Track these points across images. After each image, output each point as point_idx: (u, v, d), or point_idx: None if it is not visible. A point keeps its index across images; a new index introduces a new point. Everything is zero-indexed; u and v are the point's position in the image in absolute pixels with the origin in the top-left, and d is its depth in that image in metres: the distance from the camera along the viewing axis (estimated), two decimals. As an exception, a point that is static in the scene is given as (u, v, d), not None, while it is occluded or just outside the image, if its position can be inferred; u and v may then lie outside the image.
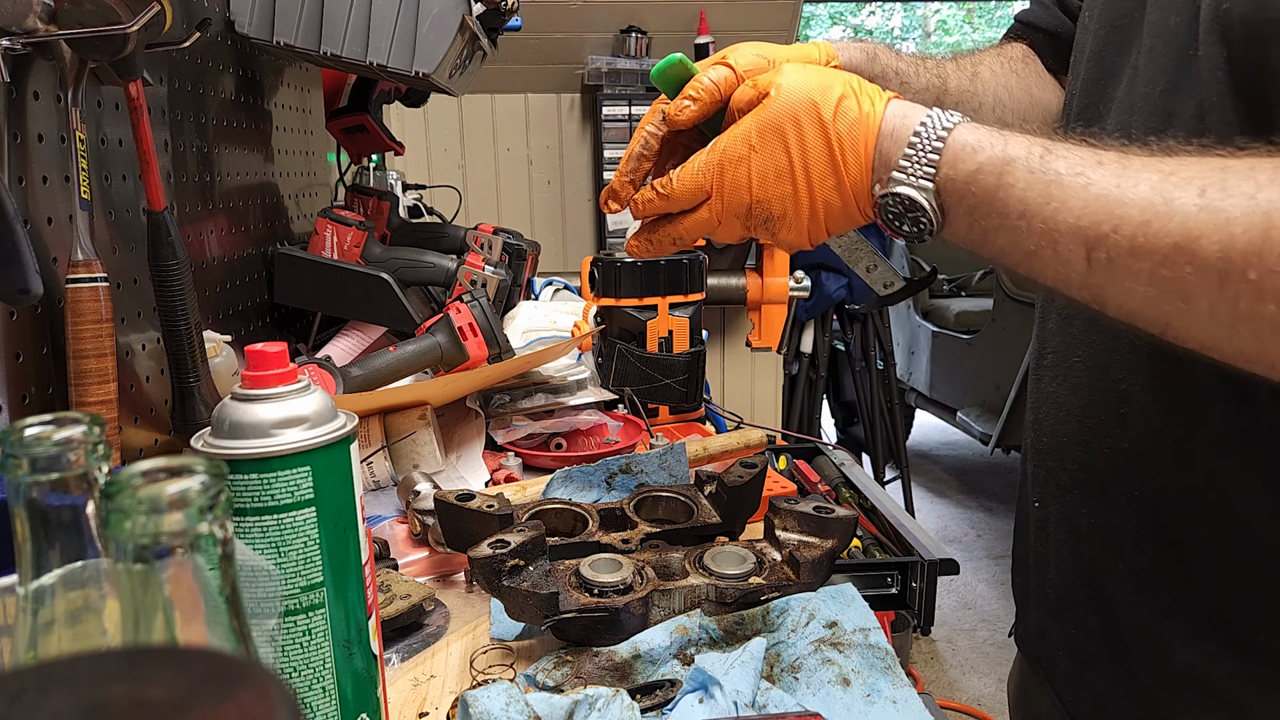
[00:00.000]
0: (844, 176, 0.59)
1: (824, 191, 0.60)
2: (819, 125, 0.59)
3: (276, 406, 0.50)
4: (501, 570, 0.70)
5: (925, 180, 0.56)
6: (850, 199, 0.60)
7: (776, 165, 0.60)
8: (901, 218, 0.58)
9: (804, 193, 0.60)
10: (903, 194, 0.57)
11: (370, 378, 1.11)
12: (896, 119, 0.58)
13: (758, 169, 0.61)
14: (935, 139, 0.56)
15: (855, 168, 0.59)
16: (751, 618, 0.71)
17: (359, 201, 1.62)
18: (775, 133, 0.60)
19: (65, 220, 0.80)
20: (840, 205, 0.60)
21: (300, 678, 0.52)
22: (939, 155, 0.56)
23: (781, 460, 1.24)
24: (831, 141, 0.59)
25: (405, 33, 1.11)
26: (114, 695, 0.23)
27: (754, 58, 0.67)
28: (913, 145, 0.57)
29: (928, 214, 0.56)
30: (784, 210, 0.61)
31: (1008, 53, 0.88)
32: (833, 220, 0.61)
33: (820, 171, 0.60)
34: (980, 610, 3.14)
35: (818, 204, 0.60)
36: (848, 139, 0.59)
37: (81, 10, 0.73)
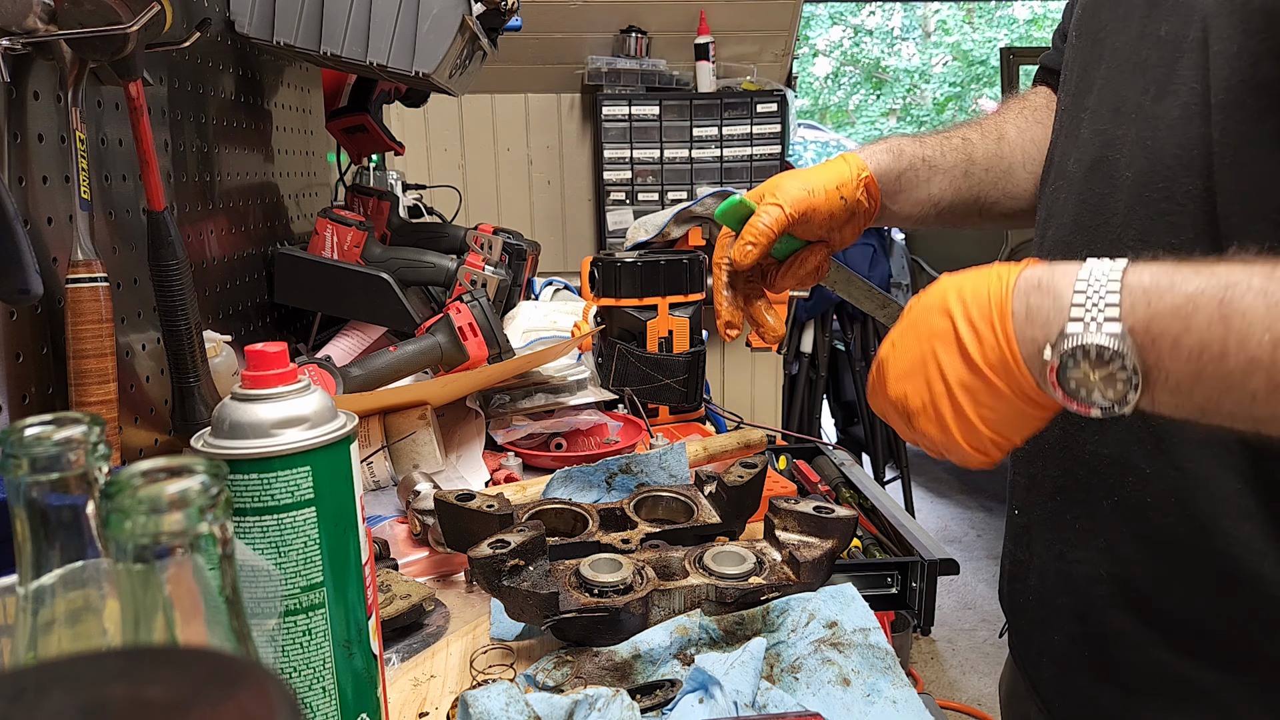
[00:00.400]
0: (965, 346, 0.54)
1: (954, 370, 0.55)
2: (943, 309, 0.56)
3: (276, 406, 0.50)
4: (501, 570, 0.70)
5: (1111, 322, 0.48)
6: (985, 370, 0.53)
7: (910, 358, 0.58)
8: (1089, 383, 0.49)
9: (937, 382, 0.56)
10: (1089, 345, 0.48)
11: (370, 378, 1.11)
12: (1036, 273, 0.53)
13: (895, 365, 0.59)
14: (1107, 278, 0.50)
15: (986, 329, 0.53)
16: (751, 618, 0.71)
17: (359, 201, 1.62)
18: (907, 338, 0.59)
19: (65, 220, 0.80)
20: (979, 382, 0.54)
21: (300, 678, 0.52)
22: (1118, 292, 0.49)
23: (781, 460, 1.24)
24: (954, 314, 0.55)
25: (405, 33, 1.11)
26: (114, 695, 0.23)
27: (798, 194, 0.73)
28: (1081, 290, 0.50)
29: (1126, 363, 0.48)
30: (922, 404, 0.57)
31: (1031, 102, 0.88)
32: (982, 410, 0.54)
33: (949, 353, 0.55)
34: (980, 610, 3.14)
35: (952, 386, 0.55)
36: (972, 305, 0.54)
37: (81, 10, 0.73)
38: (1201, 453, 0.59)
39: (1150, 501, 0.62)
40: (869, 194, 0.77)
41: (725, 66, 2.96)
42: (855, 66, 11.44)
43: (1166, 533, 0.62)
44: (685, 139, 2.92)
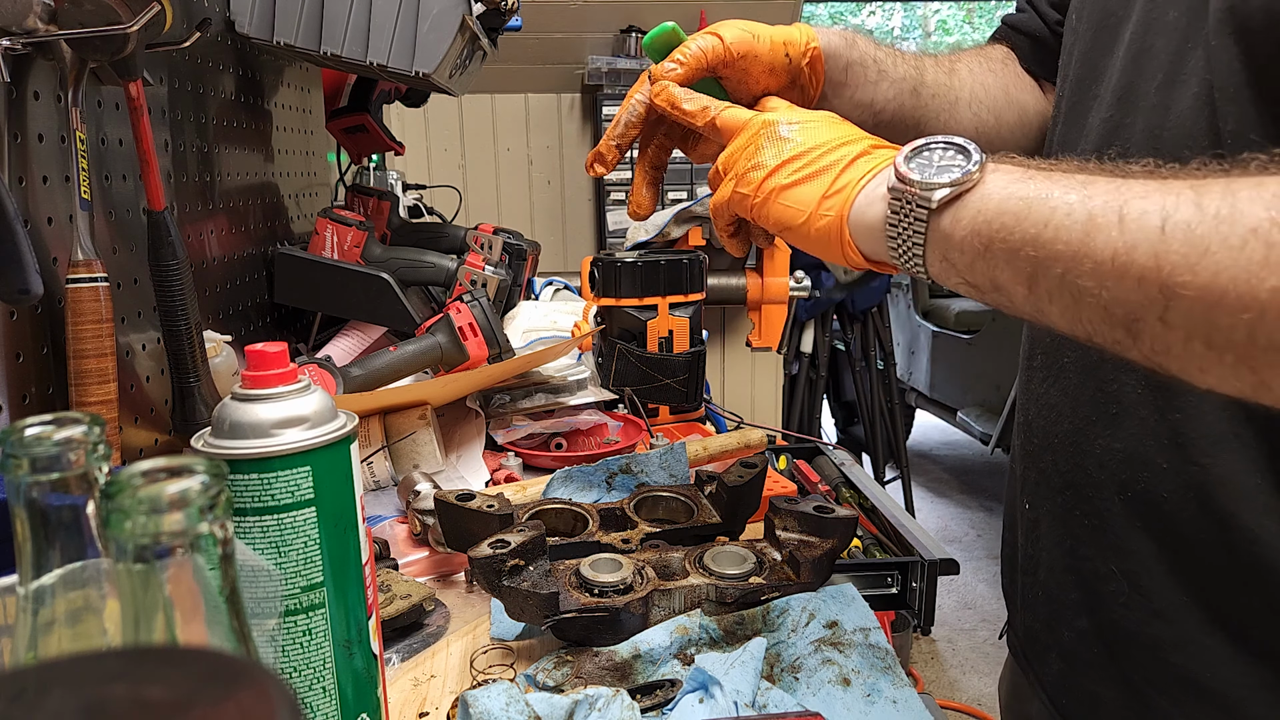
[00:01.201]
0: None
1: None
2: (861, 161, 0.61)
3: (276, 406, 0.50)
4: (501, 570, 0.70)
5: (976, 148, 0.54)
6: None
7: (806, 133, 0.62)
8: (927, 165, 0.54)
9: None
10: (943, 142, 0.55)
11: (370, 378, 1.11)
12: None
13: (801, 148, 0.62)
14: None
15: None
16: (751, 618, 0.71)
17: (359, 201, 1.62)
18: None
19: (65, 220, 0.80)
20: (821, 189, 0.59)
21: (300, 678, 0.52)
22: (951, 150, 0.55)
23: (781, 460, 1.24)
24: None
25: (405, 33, 1.11)
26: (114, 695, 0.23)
27: (740, 32, 0.70)
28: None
29: (971, 157, 0.53)
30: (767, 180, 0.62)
31: (989, 53, 0.88)
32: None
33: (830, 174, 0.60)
34: (980, 610, 3.14)
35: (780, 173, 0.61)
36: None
37: (81, 10, 0.73)
38: (1221, 448, 0.59)
39: (1166, 497, 0.62)
40: (813, 70, 0.75)
41: (725, 66, 2.96)
42: (855, 66, 11.42)
43: (1182, 529, 0.61)
44: (685, 139, 2.91)
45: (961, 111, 0.84)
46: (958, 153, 0.54)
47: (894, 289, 4.18)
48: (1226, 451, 0.59)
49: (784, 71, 0.73)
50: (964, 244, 0.53)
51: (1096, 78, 0.68)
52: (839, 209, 0.59)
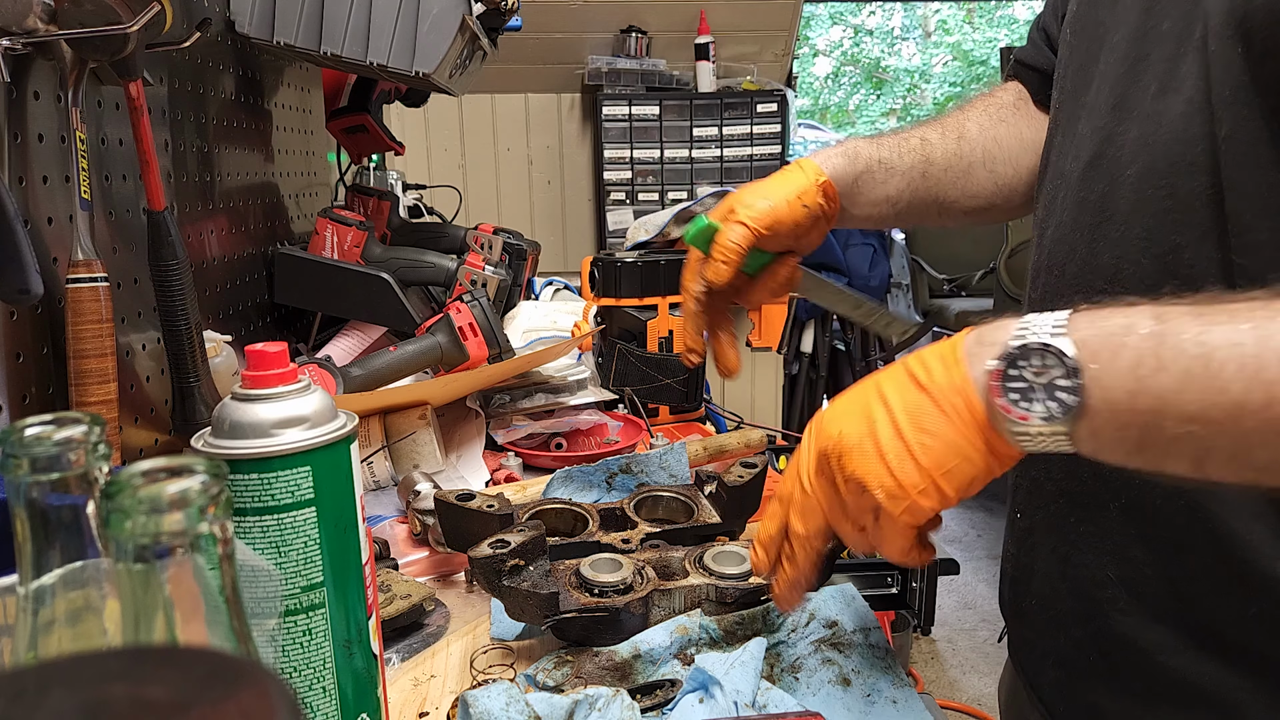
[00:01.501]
0: (915, 374, 0.53)
1: (899, 396, 0.54)
2: (894, 367, 0.56)
3: (277, 406, 0.50)
4: (501, 570, 0.70)
5: (1057, 333, 0.49)
6: (933, 390, 0.52)
7: (853, 401, 0.56)
8: (1031, 390, 0.49)
9: (880, 412, 0.54)
10: (1031, 344, 0.49)
11: (370, 378, 1.11)
12: (986, 325, 0.53)
13: (834, 411, 0.57)
14: (1055, 314, 0.50)
15: (936, 362, 0.53)
16: (752, 618, 0.71)
17: (359, 201, 1.62)
18: (851, 392, 0.58)
19: (65, 220, 0.80)
20: (926, 402, 0.53)
21: (300, 678, 0.52)
22: (1065, 319, 0.49)
23: (782, 460, 1.24)
24: (906, 361, 0.55)
25: (405, 33, 1.11)
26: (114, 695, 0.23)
27: (762, 205, 0.75)
28: (1028, 321, 0.50)
29: (1068, 365, 0.48)
30: (859, 439, 0.54)
31: (998, 99, 0.88)
32: (925, 436, 0.53)
33: (899, 385, 0.54)
34: (980, 610, 3.14)
35: (895, 411, 0.53)
36: (925, 353, 0.54)
37: (82, 10, 0.73)
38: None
39: (1159, 504, 0.62)
40: (827, 198, 0.78)
41: (725, 66, 2.96)
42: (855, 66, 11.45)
43: (1176, 535, 0.61)
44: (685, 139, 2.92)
45: (977, 174, 0.84)
46: (1042, 362, 0.49)
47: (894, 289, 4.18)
48: None
49: (806, 224, 0.77)
50: (1113, 443, 0.50)
51: (1087, 86, 0.69)
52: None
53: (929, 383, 0.53)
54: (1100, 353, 0.48)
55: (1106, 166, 0.64)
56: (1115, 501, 0.65)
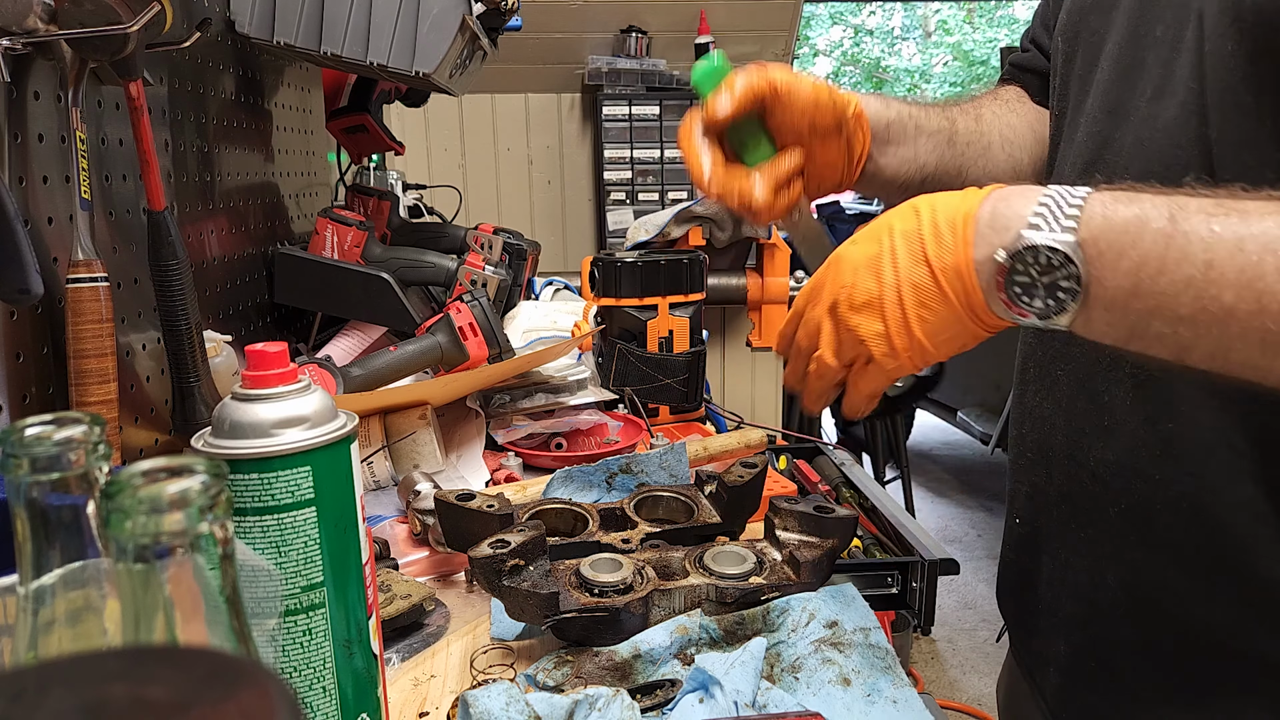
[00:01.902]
0: (925, 246, 0.55)
1: (908, 269, 0.55)
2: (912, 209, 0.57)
3: (277, 406, 0.50)
4: (502, 570, 0.70)
5: (1066, 231, 0.50)
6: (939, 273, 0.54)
7: (868, 254, 0.58)
8: (1033, 286, 0.51)
9: (889, 275, 0.56)
10: (1040, 245, 0.50)
11: (370, 378, 1.11)
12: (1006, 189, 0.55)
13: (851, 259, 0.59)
14: (1071, 196, 0.51)
15: (948, 232, 0.54)
16: (752, 618, 0.71)
17: (359, 201, 1.62)
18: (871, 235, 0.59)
19: (65, 220, 0.80)
20: (930, 284, 0.55)
21: (300, 677, 0.52)
22: (1079, 207, 0.50)
23: (782, 460, 1.24)
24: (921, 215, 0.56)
25: (405, 33, 1.11)
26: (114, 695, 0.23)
27: (786, 72, 0.70)
28: (1044, 203, 0.51)
29: (1072, 271, 0.49)
30: (868, 298, 0.57)
31: (1003, 95, 0.89)
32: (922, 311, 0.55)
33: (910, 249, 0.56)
34: (980, 610, 3.14)
35: (903, 282, 0.56)
36: (941, 211, 0.55)
37: (82, 10, 0.73)
38: (1213, 457, 0.59)
39: (1161, 508, 0.62)
40: (860, 125, 0.75)
41: (725, 66, 2.95)
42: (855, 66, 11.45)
43: (1178, 539, 0.61)
44: (685, 139, 2.91)
45: (996, 154, 0.84)
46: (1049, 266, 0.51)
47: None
48: (1218, 461, 0.59)
49: (829, 112, 0.71)
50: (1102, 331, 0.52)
51: (1085, 94, 0.69)
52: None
53: (936, 258, 0.54)
54: (1106, 253, 0.49)
55: (1103, 171, 0.64)
56: (1115, 506, 0.65)
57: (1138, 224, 0.49)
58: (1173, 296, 0.48)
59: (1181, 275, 0.47)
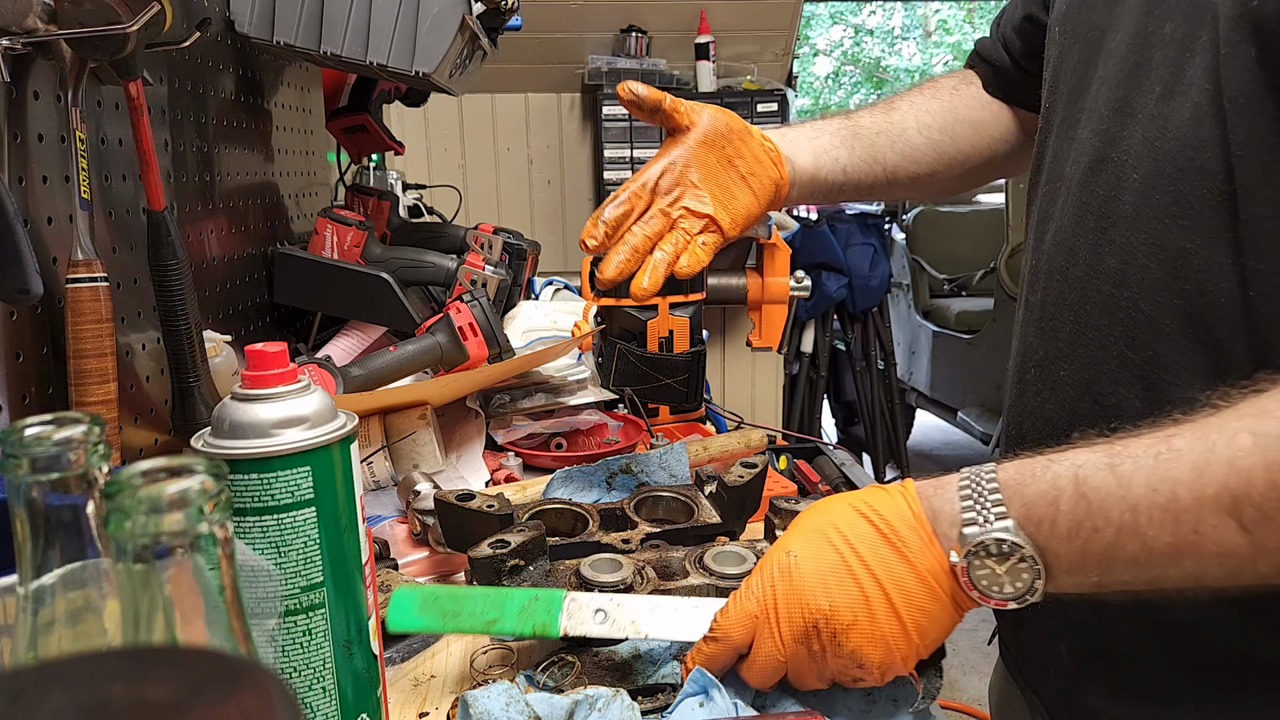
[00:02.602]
0: (902, 549, 0.55)
1: (890, 570, 0.55)
2: (856, 514, 0.57)
3: (276, 406, 0.50)
4: (502, 570, 0.70)
5: (1000, 518, 0.52)
6: (928, 577, 0.54)
7: (829, 563, 0.56)
8: (997, 578, 0.53)
9: (871, 585, 0.55)
10: (988, 540, 0.52)
11: (370, 378, 1.11)
12: (925, 483, 0.56)
13: (810, 572, 0.56)
14: (985, 477, 0.54)
15: (911, 535, 0.55)
16: (752, 618, 0.70)
17: (359, 201, 1.62)
18: (815, 542, 0.57)
19: (65, 220, 0.80)
20: (919, 585, 0.55)
21: (300, 678, 0.52)
22: (998, 490, 0.53)
23: (782, 460, 1.24)
24: (872, 519, 0.56)
25: (405, 32, 1.11)
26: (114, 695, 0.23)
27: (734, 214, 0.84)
28: (966, 493, 0.54)
29: (1025, 551, 0.52)
30: (854, 616, 0.55)
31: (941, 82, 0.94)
32: (917, 615, 0.55)
33: (879, 555, 0.55)
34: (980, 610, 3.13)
35: (889, 589, 0.55)
36: (887, 512, 0.56)
37: (81, 10, 0.73)
38: None
39: None
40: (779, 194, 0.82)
41: (725, 66, 2.96)
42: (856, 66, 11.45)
43: None
44: (685, 139, 2.91)
45: (912, 137, 0.88)
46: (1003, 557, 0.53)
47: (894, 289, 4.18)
48: None
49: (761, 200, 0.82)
50: (1075, 589, 0.54)
51: (1085, 90, 0.68)
52: None
53: (914, 557, 0.55)
54: (1042, 522, 0.52)
55: (1110, 170, 0.64)
56: None
57: (1052, 492, 0.52)
58: (1118, 546, 0.50)
59: (1114, 528, 0.50)
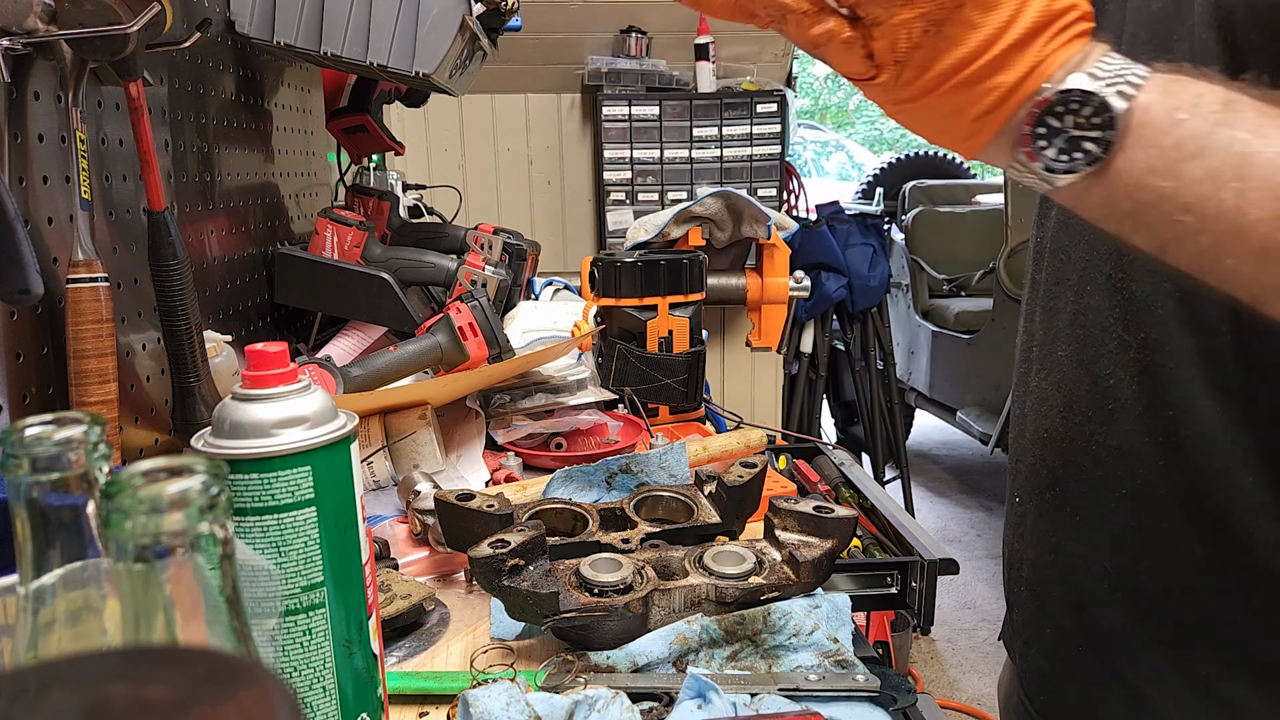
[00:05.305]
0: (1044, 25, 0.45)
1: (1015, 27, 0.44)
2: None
3: (277, 406, 0.50)
4: (501, 570, 0.70)
5: (1122, 95, 0.45)
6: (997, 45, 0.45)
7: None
8: (1059, 133, 0.45)
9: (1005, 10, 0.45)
10: (1095, 93, 0.45)
11: (370, 378, 1.11)
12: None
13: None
14: (1136, 63, 0.46)
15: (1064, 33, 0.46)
16: (752, 618, 0.70)
17: (359, 201, 1.62)
18: None
19: (66, 220, 0.80)
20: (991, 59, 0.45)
21: (300, 677, 0.52)
22: (1145, 77, 0.46)
23: (781, 460, 1.24)
24: None
25: (405, 33, 1.11)
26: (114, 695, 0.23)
27: None
28: (1109, 58, 0.46)
29: (1108, 136, 0.45)
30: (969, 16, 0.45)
31: None
32: (971, 73, 0.45)
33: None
34: (980, 610, 3.14)
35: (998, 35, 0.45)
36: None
37: (82, 10, 0.73)
38: (1214, 446, 0.59)
39: (1162, 495, 0.62)
40: None
41: (725, 66, 2.96)
42: (855, 66, 11.43)
43: (1177, 527, 0.61)
44: (685, 139, 2.92)
45: None
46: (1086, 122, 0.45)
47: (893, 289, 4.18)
48: (1220, 449, 0.59)
49: None
50: (1094, 207, 0.48)
51: None
52: None
53: (1043, 46, 0.46)
54: (1150, 125, 0.45)
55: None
56: (1113, 492, 0.65)
57: (1193, 103, 0.45)
58: (1197, 183, 0.44)
59: (1208, 166, 0.44)
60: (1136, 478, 0.63)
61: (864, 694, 0.64)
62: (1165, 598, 0.63)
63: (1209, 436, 0.59)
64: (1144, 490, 0.63)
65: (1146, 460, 0.62)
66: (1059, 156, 0.46)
